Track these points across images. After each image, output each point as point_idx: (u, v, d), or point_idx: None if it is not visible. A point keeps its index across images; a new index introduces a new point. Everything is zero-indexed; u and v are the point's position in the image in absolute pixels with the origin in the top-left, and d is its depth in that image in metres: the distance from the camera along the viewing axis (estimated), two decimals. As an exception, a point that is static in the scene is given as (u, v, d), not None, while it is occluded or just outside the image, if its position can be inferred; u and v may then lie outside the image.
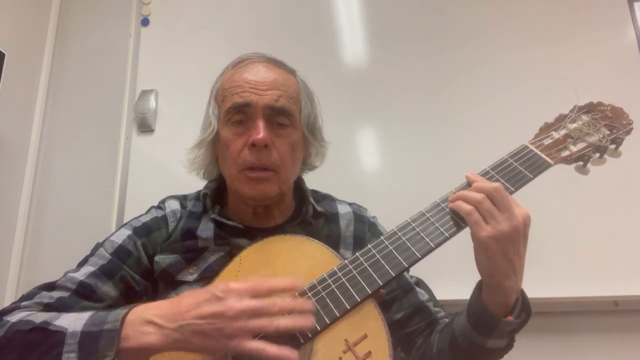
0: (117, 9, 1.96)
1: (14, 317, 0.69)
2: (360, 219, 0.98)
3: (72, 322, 0.65)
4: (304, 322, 0.64)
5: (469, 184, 0.76)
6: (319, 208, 0.95)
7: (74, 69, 1.96)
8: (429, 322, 0.89)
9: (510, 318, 0.71)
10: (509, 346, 0.76)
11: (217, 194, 0.96)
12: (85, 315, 0.66)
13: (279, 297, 0.65)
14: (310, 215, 0.93)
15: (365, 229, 0.97)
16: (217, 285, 0.63)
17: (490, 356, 0.75)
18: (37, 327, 0.65)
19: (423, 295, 0.92)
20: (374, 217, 1.02)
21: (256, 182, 0.85)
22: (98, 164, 1.80)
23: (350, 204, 1.02)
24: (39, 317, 0.68)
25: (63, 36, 2.00)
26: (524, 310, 0.74)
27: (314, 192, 1.01)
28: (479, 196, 0.70)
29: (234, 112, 0.86)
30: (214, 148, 0.93)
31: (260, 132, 0.83)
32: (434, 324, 0.88)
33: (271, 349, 0.60)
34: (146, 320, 0.62)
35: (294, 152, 0.89)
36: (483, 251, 0.70)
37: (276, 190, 0.87)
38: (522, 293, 0.74)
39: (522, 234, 0.69)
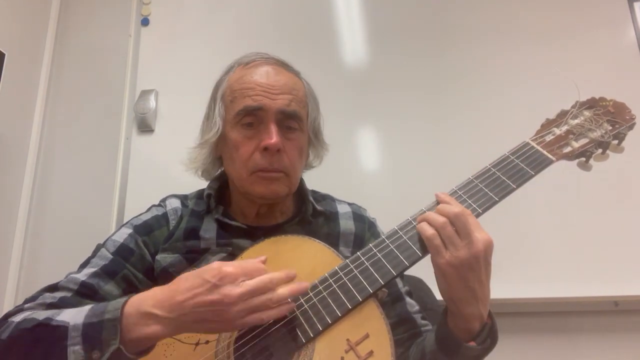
0: (117, 9, 1.96)
1: (17, 318, 0.71)
2: (360, 218, 0.98)
3: (74, 316, 0.66)
4: (300, 287, 0.67)
5: (438, 203, 0.74)
6: (318, 207, 0.95)
7: (74, 69, 1.96)
8: (413, 333, 0.87)
9: (472, 343, 0.70)
10: None
11: (220, 193, 0.96)
12: (85, 308, 0.67)
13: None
14: (309, 214, 0.94)
15: (365, 227, 0.97)
16: (209, 270, 0.64)
17: None
18: (40, 323, 0.67)
19: (412, 307, 0.92)
20: (373, 218, 1.02)
21: (269, 181, 0.86)
22: (98, 164, 1.80)
23: (349, 204, 1.02)
24: (41, 314, 0.70)
25: (63, 36, 2.00)
26: (490, 336, 0.72)
27: (314, 192, 1.01)
28: (441, 220, 0.69)
29: (244, 115, 0.86)
30: (217, 148, 0.93)
31: (274, 136, 0.83)
32: (417, 336, 0.87)
33: (272, 312, 0.64)
34: (145, 312, 0.63)
35: (301, 156, 0.91)
36: (442, 277, 0.70)
37: (286, 191, 0.88)
38: (492, 320, 0.73)
39: (482, 260, 0.67)
